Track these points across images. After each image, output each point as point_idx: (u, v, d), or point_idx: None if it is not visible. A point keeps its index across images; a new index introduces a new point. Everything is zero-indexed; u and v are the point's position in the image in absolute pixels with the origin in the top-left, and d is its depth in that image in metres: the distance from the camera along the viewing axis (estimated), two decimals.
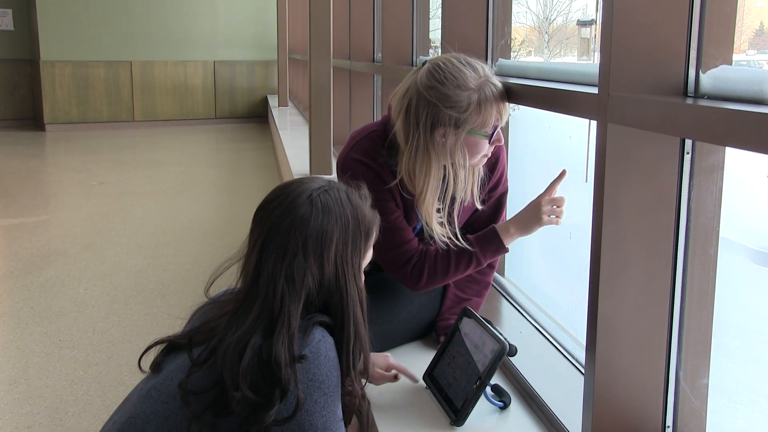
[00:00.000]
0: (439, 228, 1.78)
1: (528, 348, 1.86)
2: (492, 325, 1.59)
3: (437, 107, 1.65)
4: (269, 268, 1.16)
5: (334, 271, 1.19)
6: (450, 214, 1.80)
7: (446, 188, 1.77)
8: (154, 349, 1.24)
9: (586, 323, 1.33)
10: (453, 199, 1.79)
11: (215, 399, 1.10)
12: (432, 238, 1.79)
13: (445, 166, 1.73)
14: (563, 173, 1.82)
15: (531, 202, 1.83)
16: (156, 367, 1.21)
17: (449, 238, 1.80)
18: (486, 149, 1.73)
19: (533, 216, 1.80)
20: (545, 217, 1.79)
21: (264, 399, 1.09)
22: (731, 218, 1.43)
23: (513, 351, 1.57)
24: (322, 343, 1.14)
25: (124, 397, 1.27)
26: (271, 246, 1.17)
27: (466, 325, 1.63)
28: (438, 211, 1.77)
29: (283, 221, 1.18)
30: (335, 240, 1.18)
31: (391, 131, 1.76)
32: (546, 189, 1.81)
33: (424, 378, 1.67)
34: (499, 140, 1.73)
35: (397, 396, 1.66)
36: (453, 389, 1.56)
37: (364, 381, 1.28)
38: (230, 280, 1.25)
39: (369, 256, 1.29)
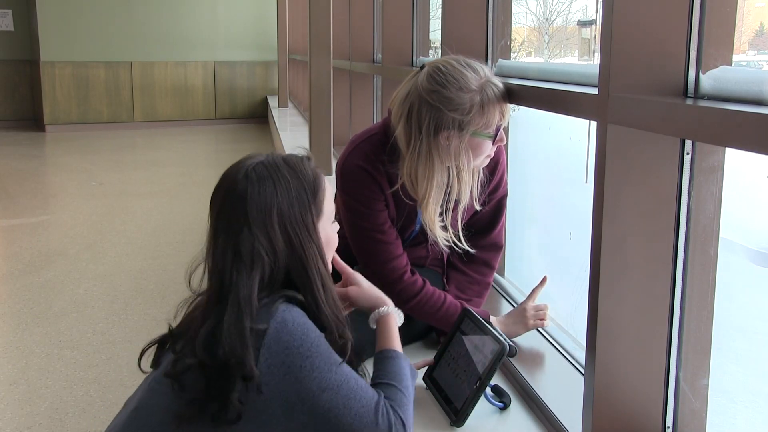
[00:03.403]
0: (441, 232, 1.78)
1: (528, 348, 1.86)
2: (492, 326, 1.59)
3: (440, 110, 1.64)
4: (220, 249, 1.19)
5: (285, 235, 1.20)
6: (453, 218, 1.80)
7: (449, 192, 1.76)
8: (150, 350, 1.27)
9: (586, 324, 1.33)
10: (456, 202, 1.79)
11: (205, 386, 1.12)
12: (435, 243, 1.79)
13: (448, 169, 1.73)
14: (544, 280, 1.91)
15: (516, 308, 1.92)
16: (155, 363, 1.25)
17: (452, 242, 1.80)
18: (489, 149, 1.73)
19: (519, 321, 1.88)
20: (530, 322, 1.88)
21: (223, 374, 1.10)
22: (731, 219, 1.43)
23: (513, 352, 1.57)
24: (286, 312, 1.15)
25: (124, 397, 1.28)
26: (219, 228, 1.21)
27: (466, 326, 1.63)
28: (440, 214, 1.78)
29: (225, 202, 1.21)
30: (277, 204, 1.19)
31: (392, 135, 1.75)
32: (529, 295, 1.89)
33: (424, 379, 1.67)
34: (501, 140, 1.73)
35: None
36: (453, 390, 1.56)
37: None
38: None
39: (328, 211, 1.28)
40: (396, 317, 1.45)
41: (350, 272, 1.51)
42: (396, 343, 1.39)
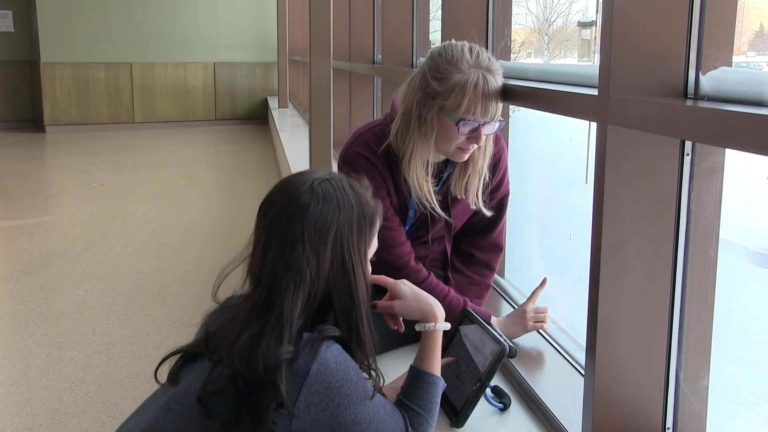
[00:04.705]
0: (423, 185, 1.80)
1: (528, 349, 1.86)
2: (492, 327, 1.59)
3: (426, 76, 1.73)
4: (271, 258, 1.17)
5: (340, 257, 1.19)
6: (443, 194, 1.84)
7: (447, 175, 1.80)
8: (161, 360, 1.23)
9: (586, 324, 1.33)
10: (448, 185, 1.83)
11: (235, 405, 1.10)
12: (425, 208, 1.82)
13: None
14: (544, 281, 1.91)
15: (516, 310, 1.92)
16: (173, 378, 1.20)
17: (428, 201, 1.81)
18: (459, 140, 1.73)
19: (519, 322, 1.89)
20: (530, 324, 1.88)
21: (258, 389, 1.09)
22: (731, 220, 1.43)
23: (513, 353, 1.57)
24: (328, 351, 1.14)
25: (124, 398, 1.26)
26: (274, 237, 1.18)
27: (467, 327, 1.63)
28: (426, 181, 1.80)
29: (284, 211, 1.19)
30: (336, 226, 1.18)
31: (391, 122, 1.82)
32: (529, 297, 1.89)
33: None
34: (477, 139, 1.72)
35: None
36: (453, 391, 1.56)
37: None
38: (235, 280, 1.25)
39: (374, 244, 1.29)
40: (436, 335, 1.41)
41: (393, 284, 1.46)
42: (436, 365, 1.37)
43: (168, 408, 1.16)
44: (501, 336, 1.53)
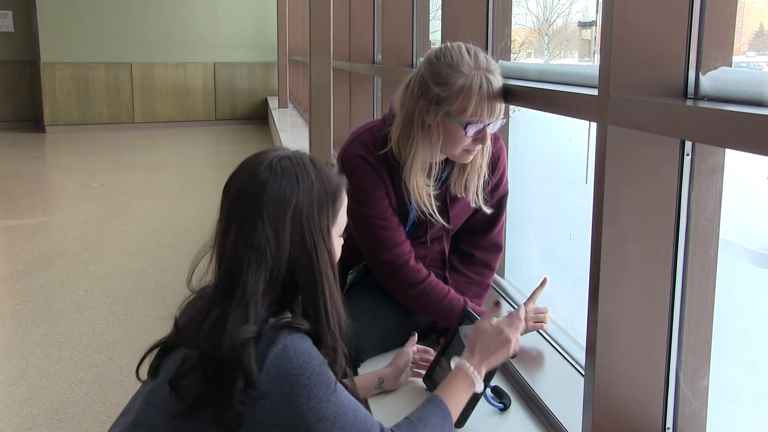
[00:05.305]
0: (423, 190, 1.80)
1: (528, 350, 1.86)
2: None
3: (427, 81, 1.71)
4: (232, 238, 1.16)
5: (300, 233, 1.17)
6: (442, 198, 1.84)
7: (431, 166, 1.80)
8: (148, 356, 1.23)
9: (586, 325, 1.33)
10: (448, 184, 1.82)
11: (202, 386, 1.10)
12: (424, 214, 1.81)
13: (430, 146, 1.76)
14: (544, 282, 1.88)
15: (515, 310, 1.88)
16: (153, 371, 1.20)
17: (427, 207, 1.80)
18: (465, 143, 1.72)
19: (519, 321, 1.86)
20: (530, 324, 1.86)
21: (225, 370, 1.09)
22: (731, 220, 1.43)
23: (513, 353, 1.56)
24: (288, 338, 1.12)
25: (124, 398, 1.27)
26: (234, 217, 1.18)
27: (466, 327, 1.62)
28: (427, 186, 1.80)
29: (243, 190, 1.18)
30: (295, 202, 1.17)
31: (390, 123, 1.81)
32: (529, 297, 1.87)
33: (424, 379, 1.67)
34: (482, 140, 1.72)
35: (398, 398, 1.66)
36: None
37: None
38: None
39: (342, 221, 1.27)
40: (472, 380, 1.40)
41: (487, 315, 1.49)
42: (449, 395, 1.36)
43: (148, 401, 1.17)
44: None
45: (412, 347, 1.70)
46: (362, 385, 1.61)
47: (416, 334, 1.72)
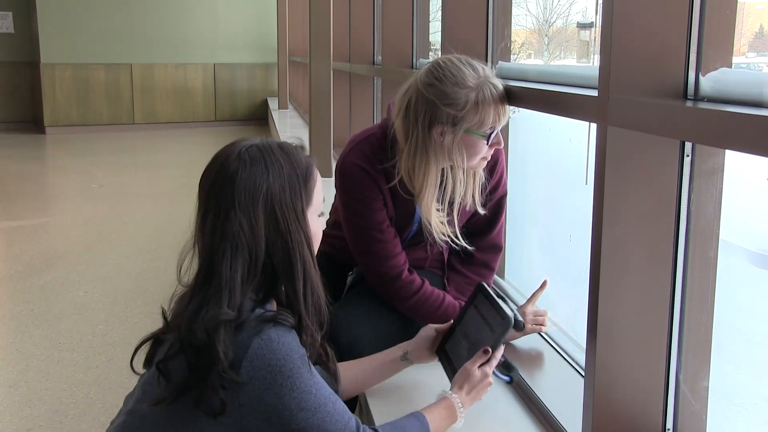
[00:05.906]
0: (439, 227, 1.78)
1: (528, 350, 1.86)
2: (504, 300, 1.57)
3: (435, 104, 1.66)
4: (209, 229, 1.19)
5: (273, 218, 1.20)
6: (449, 214, 1.81)
7: (444, 188, 1.77)
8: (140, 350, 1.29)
9: (586, 326, 1.33)
10: (453, 199, 1.79)
11: (186, 372, 1.13)
12: (431, 237, 1.79)
13: (444, 167, 1.74)
14: (545, 284, 1.89)
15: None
16: (148, 362, 1.26)
17: (449, 237, 1.80)
18: (484, 151, 1.72)
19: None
20: (529, 326, 1.87)
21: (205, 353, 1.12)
22: (731, 221, 1.43)
23: (520, 325, 1.54)
24: (273, 330, 1.15)
25: (124, 399, 1.29)
26: (209, 208, 1.21)
27: (480, 301, 1.62)
28: (438, 210, 1.78)
29: (216, 182, 1.21)
30: (266, 187, 1.20)
31: (390, 134, 1.77)
32: (529, 299, 1.88)
33: (437, 351, 1.66)
34: (498, 143, 1.73)
35: (399, 398, 1.65)
36: (461, 362, 1.55)
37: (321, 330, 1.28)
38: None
39: (317, 202, 1.29)
40: (455, 412, 1.44)
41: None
42: (432, 418, 1.39)
43: (143, 390, 1.22)
44: (509, 309, 1.52)
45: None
46: (383, 360, 1.62)
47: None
